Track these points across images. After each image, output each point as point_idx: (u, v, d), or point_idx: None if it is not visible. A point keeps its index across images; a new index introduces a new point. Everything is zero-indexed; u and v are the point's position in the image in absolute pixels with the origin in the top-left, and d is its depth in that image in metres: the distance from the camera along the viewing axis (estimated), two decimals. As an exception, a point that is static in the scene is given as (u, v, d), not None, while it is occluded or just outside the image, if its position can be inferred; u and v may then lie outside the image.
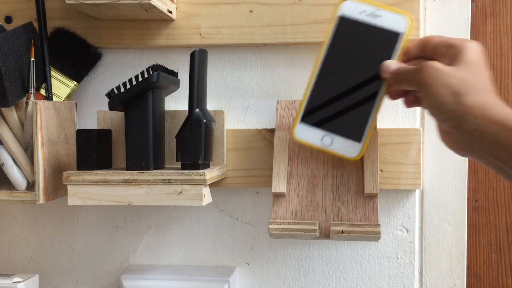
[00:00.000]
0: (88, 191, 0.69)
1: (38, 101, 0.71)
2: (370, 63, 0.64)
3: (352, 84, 0.65)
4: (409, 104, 0.65)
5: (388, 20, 0.65)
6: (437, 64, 0.59)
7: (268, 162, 0.76)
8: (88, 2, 0.70)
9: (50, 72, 0.76)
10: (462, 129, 0.57)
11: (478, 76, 0.58)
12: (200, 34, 0.79)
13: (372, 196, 0.68)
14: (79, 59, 0.79)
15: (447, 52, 0.60)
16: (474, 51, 0.59)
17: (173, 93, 0.79)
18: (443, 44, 0.61)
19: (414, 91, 0.63)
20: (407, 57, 0.65)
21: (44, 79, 0.76)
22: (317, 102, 0.65)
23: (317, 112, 0.65)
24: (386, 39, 0.64)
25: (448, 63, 0.59)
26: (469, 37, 0.76)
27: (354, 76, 0.65)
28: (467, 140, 0.58)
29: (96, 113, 0.81)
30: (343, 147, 0.64)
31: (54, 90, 0.77)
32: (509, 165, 0.56)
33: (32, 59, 0.73)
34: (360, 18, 0.65)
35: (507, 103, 0.82)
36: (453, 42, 0.61)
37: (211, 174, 0.70)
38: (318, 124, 0.65)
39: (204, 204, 0.68)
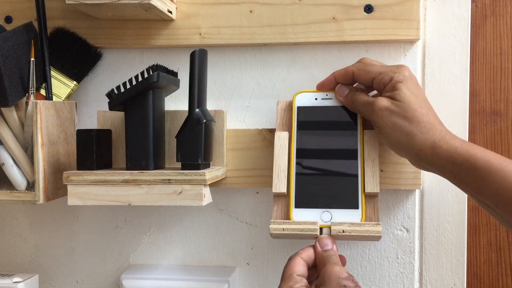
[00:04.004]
0: (88, 191, 0.69)
1: (38, 101, 0.71)
2: (339, 136, 0.71)
3: (330, 161, 0.70)
4: None
5: None
6: (384, 103, 0.64)
7: (268, 162, 0.76)
8: (88, 2, 0.70)
9: (50, 72, 0.76)
10: (418, 164, 0.65)
11: (420, 110, 0.63)
12: (200, 34, 0.79)
13: (373, 196, 0.68)
14: (79, 59, 0.79)
15: (385, 88, 0.66)
16: (407, 83, 0.65)
17: (173, 93, 0.79)
18: (377, 81, 0.67)
19: None
20: (350, 80, 0.70)
21: (44, 79, 0.76)
22: (304, 187, 0.69)
23: (307, 195, 0.69)
24: (346, 114, 0.71)
25: (390, 96, 0.65)
26: (469, 37, 0.76)
27: (329, 153, 0.70)
28: (426, 169, 0.65)
29: (96, 113, 0.81)
30: (344, 217, 0.67)
31: (54, 90, 0.77)
32: (467, 191, 0.63)
33: (32, 59, 0.73)
34: (316, 104, 0.72)
35: (507, 103, 0.82)
36: (384, 80, 0.66)
37: (211, 174, 0.70)
38: (312, 205, 0.68)
39: (204, 204, 0.68)
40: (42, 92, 0.76)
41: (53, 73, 0.78)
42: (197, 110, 0.71)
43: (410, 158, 0.65)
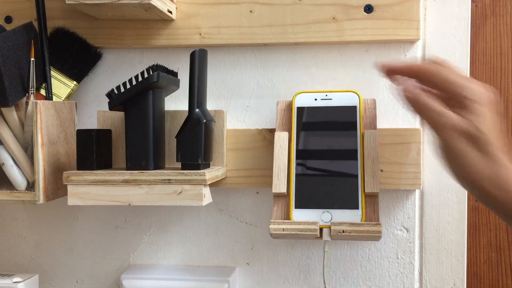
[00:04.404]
0: (88, 191, 0.69)
1: (38, 101, 0.71)
2: (339, 137, 0.71)
3: (330, 161, 0.70)
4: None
5: (340, 99, 0.72)
6: (463, 124, 0.55)
7: (268, 162, 0.76)
8: (88, 2, 0.70)
9: (50, 72, 0.76)
10: (475, 193, 0.57)
11: (496, 145, 0.55)
12: (200, 34, 0.79)
13: (373, 196, 0.68)
14: (79, 59, 0.79)
15: (458, 101, 0.56)
16: (491, 109, 0.56)
17: (173, 93, 0.79)
18: (453, 92, 0.57)
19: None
20: (409, 72, 0.60)
21: (44, 79, 0.76)
22: (304, 187, 0.69)
23: (307, 196, 0.69)
24: (346, 114, 0.71)
25: (470, 119, 0.55)
26: (469, 37, 0.76)
27: (329, 153, 0.70)
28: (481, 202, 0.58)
29: (96, 113, 0.81)
30: (344, 217, 0.67)
31: (54, 90, 0.77)
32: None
33: (32, 59, 0.73)
34: (316, 104, 0.72)
35: (507, 103, 0.82)
36: (464, 94, 0.56)
37: (211, 174, 0.70)
38: (313, 206, 0.68)
39: (204, 204, 0.68)
40: (42, 92, 0.76)
41: (53, 73, 0.78)
42: (197, 110, 0.71)
43: (462, 185, 0.58)
